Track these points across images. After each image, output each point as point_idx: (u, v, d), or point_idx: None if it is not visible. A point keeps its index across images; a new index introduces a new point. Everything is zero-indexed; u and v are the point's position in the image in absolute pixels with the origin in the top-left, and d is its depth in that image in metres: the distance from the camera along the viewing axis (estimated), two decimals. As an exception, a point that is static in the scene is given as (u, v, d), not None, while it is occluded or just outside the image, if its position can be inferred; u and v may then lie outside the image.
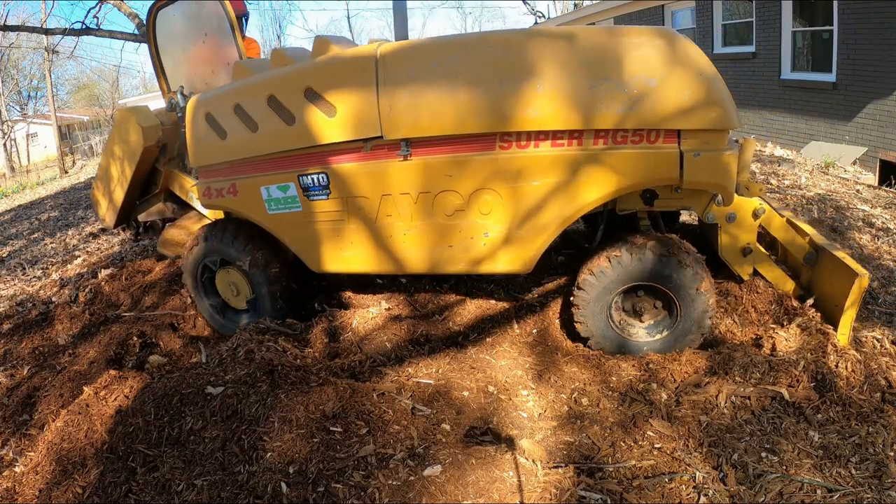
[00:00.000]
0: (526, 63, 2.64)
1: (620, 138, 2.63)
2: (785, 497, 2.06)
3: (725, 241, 3.21)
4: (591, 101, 2.59)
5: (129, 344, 3.80)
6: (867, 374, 2.68)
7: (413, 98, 2.72)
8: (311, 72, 2.93)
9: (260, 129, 3.05)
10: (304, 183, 3.01)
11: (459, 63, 2.70)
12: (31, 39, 29.92)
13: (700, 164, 2.64)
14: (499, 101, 2.64)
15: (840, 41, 8.28)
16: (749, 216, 3.15)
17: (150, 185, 3.94)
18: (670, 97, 2.57)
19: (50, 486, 2.48)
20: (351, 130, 2.82)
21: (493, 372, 2.99)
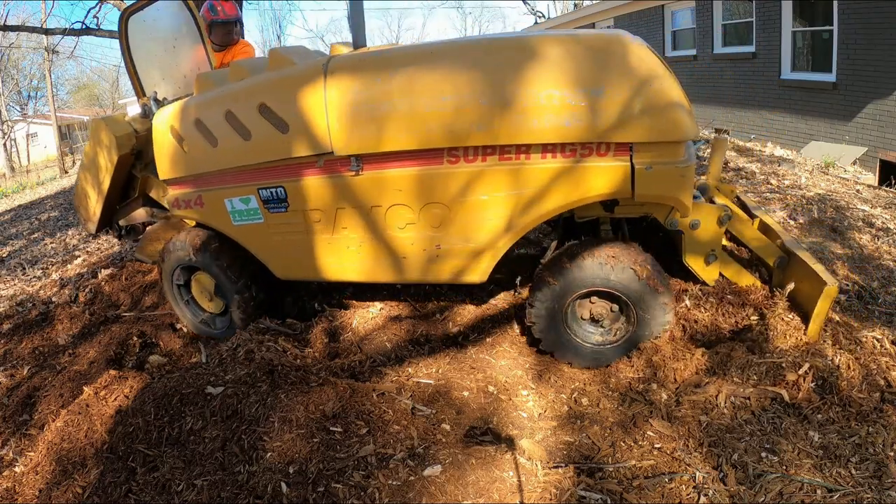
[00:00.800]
0: (470, 76, 2.57)
1: (569, 152, 2.57)
2: (785, 497, 2.06)
3: (689, 248, 3.13)
4: (538, 114, 2.51)
5: (129, 344, 3.80)
6: (867, 374, 2.68)
7: (359, 114, 2.70)
8: (263, 88, 2.94)
9: (220, 143, 3.08)
10: (263, 196, 3.05)
11: (404, 77, 2.65)
12: (31, 39, 29.93)
13: (652, 177, 2.56)
14: (444, 116, 2.59)
15: (840, 41, 8.29)
16: (714, 223, 3.06)
17: (128, 190, 4.03)
18: (620, 108, 2.47)
19: (50, 486, 2.48)
20: (303, 147, 2.83)
21: (493, 372, 2.99)
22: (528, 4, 23.07)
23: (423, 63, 2.67)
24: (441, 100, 2.59)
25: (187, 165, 3.24)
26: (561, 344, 2.99)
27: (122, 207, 4.13)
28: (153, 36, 3.96)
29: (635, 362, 2.96)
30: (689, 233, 3.06)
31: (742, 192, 5.38)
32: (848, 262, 4.07)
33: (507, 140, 2.58)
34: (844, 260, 4.09)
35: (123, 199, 4.10)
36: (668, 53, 13.40)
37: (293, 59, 3.04)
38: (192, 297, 3.79)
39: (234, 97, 3.01)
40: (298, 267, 3.21)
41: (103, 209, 3.99)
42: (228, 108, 3.00)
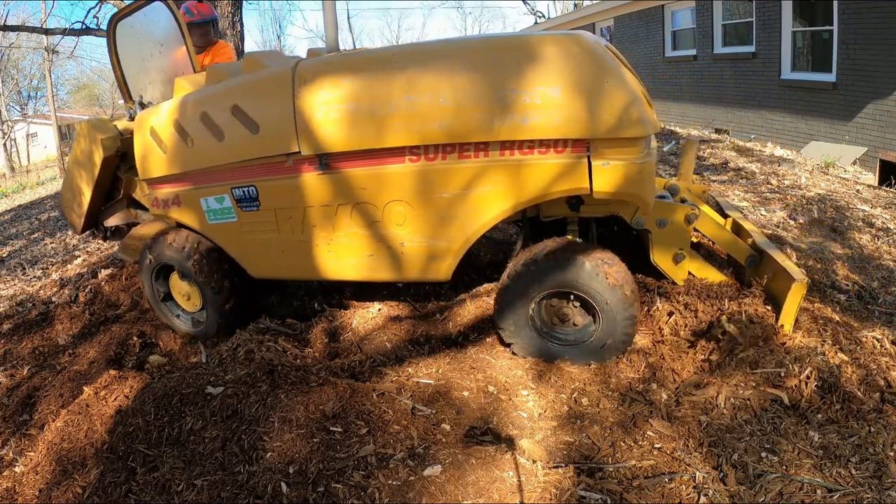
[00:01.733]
0: (430, 77, 2.65)
1: (527, 149, 2.62)
2: (785, 497, 2.06)
3: (656, 248, 3.16)
4: (496, 112, 2.58)
5: (129, 344, 3.80)
6: (867, 375, 2.68)
7: (326, 115, 2.78)
8: (237, 90, 3.04)
9: (195, 144, 3.17)
10: (236, 195, 3.14)
11: (367, 80, 2.73)
12: (31, 39, 29.95)
13: (609, 173, 2.61)
14: (405, 116, 2.67)
15: (840, 41, 8.29)
16: (681, 221, 3.08)
17: (113, 191, 4.10)
18: (577, 106, 2.53)
19: (50, 486, 2.48)
20: (273, 146, 2.92)
21: (493, 372, 2.99)
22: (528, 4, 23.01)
23: (385, 66, 2.76)
24: (402, 100, 2.67)
25: (165, 166, 3.33)
26: (527, 344, 3.02)
27: (106, 208, 4.19)
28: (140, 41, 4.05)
29: (635, 362, 2.96)
30: (657, 232, 3.10)
31: (721, 192, 5.38)
32: (848, 262, 4.07)
33: (467, 138, 2.64)
34: (844, 260, 4.09)
35: (108, 201, 4.16)
36: (668, 53, 13.41)
37: (266, 62, 3.13)
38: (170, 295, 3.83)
39: (209, 99, 3.12)
40: (270, 265, 3.29)
41: (88, 210, 4.06)
42: (204, 109, 3.10)
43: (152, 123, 3.33)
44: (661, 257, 3.18)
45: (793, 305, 2.83)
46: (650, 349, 3.05)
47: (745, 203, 5.30)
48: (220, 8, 6.85)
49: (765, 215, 5.00)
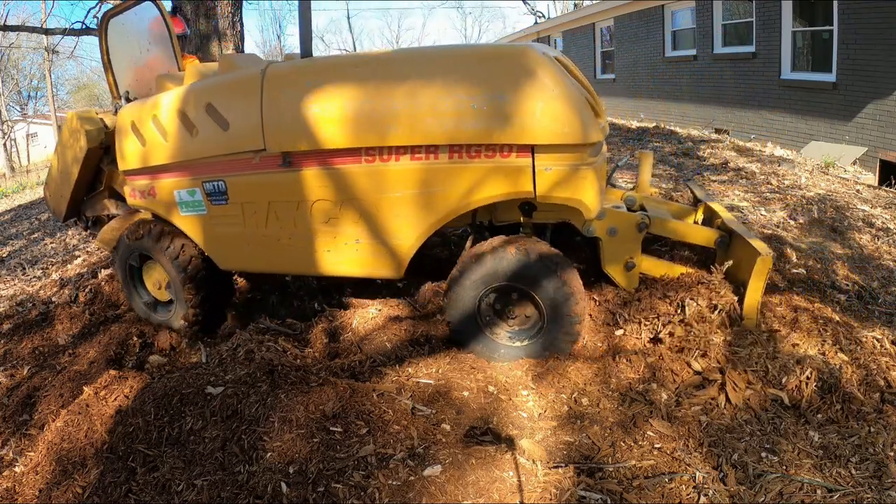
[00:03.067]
0: (386, 84, 2.83)
1: (474, 153, 2.77)
2: (785, 497, 2.06)
3: (607, 256, 3.22)
4: (445, 118, 2.73)
5: (129, 344, 3.80)
6: (867, 375, 2.68)
7: (290, 115, 2.95)
8: (211, 89, 3.21)
9: (171, 138, 3.33)
10: (207, 189, 3.29)
11: (328, 84, 2.92)
12: (31, 39, 29.95)
13: (552, 178, 2.75)
14: (362, 118, 2.83)
15: (840, 41, 8.28)
16: (632, 230, 3.15)
17: (95, 182, 4.21)
18: (521, 113, 2.66)
19: (50, 486, 2.48)
20: (241, 143, 3.08)
21: (493, 372, 2.99)
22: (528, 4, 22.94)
23: (345, 73, 2.96)
24: (359, 104, 2.84)
25: (143, 158, 3.48)
26: (472, 338, 3.08)
27: (89, 199, 4.31)
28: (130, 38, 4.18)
29: (635, 363, 2.96)
30: (608, 240, 3.17)
31: (721, 192, 5.37)
32: (848, 262, 4.07)
33: (418, 141, 2.79)
34: (844, 260, 4.09)
35: (92, 192, 4.27)
36: (668, 53, 13.41)
37: (240, 64, 3.33)
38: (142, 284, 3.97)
39: (185, 97, 3.26)
40: (237, 258, 3.45)
41: (71, 199, 4.20)
42: (181, 107, 3.25)
43: (133, 118, 3.49)
44: (611, 265, 3.24)
45: (758, 282, 2.82)
46: (649, 348, 3.05)
47: (745, 203, 5.30)
48: (220, 8, 6.85)
49: (765, 215, 5.00)
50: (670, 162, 7.13)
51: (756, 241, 2.99)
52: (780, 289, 3.50)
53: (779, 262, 3.80)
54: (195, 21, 6.57)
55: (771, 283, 3.60)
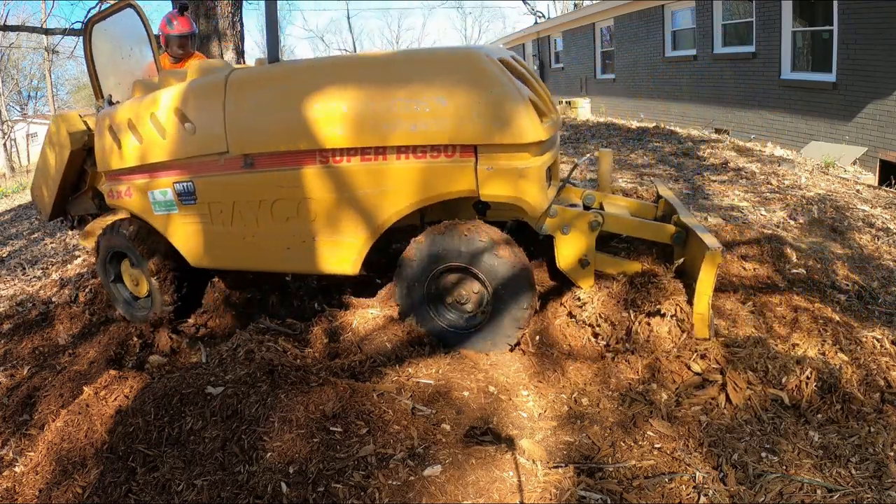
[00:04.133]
0: (337, 87, 2.96)
1: (420, 153, 2.89)
2: (785, 497, 2.06)
3: (562, 254, 3.26)
4: (391, 120, 2.86)
5: (129, 344, 3.80)
6: (867, 375, 2.68)
7: (250, 118, 3.12)
8: (180, 94, 3.34)
9: (145, 141, 3.49)
10: (177, 189, 3.45)
11: (287, 87, 3.07)
12: (31, 39, 29.95)
13: (494, 177, 2.86)
14: (315, 122, 2.97)
15: (840, 41, 8.28)
16: (585, 228, 3.19)
17: (80, 183, 4.30)
18: (464, 115, 2.78)
19: (50, 486, 2.48)
20: (207, 145, 3.25)
21: (494, 372, 2.99)
22: (528, 4, 23.00)
23: (299, 77, 3.10)
24: (313, 108, 2.97)
25: (120, 160, 3.64)
26: (421, 321, 3.19)
27: (73, 199, 4.42)
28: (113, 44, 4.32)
29: (635, 363, 2.96)
30: (561, 238, 3.23)
31: (721, 192, 5.38)
32: (848, 262, 4.07)
33: (367, 143, 2.92)
34: (844, 260, 4.09)
35: (76, 192, 4.38)
36: (668, 53, 13.41)
37: (208, 70, 3.46)
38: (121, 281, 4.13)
39: (157, 102, 3.42)
40: (206, 256, 3.57)
41: (56, 199, 4.32)
42: (152, 111, 3.41)
43: (109, 121, 3.66)
44: (566, 263, 3.28)
45: (707, 276, 2.79)
46: (649, 348, 3.04)
47: (745, 203, 5.30)
48: (220, 8, 6.85)
49: (765, 215, 5.00)
50: (670, 162, 7.14)
51: (707, 235, 2.98)
52: (780, 289, 3.50)
53: (779, 262, 3.80)
54: (195, 21, 6.57)
55: (771, 283, 3.60)
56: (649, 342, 2.91)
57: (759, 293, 3.46)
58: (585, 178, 6.41)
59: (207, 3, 6.65)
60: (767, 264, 3.77)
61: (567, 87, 19.12)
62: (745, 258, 3.84)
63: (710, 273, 2.78)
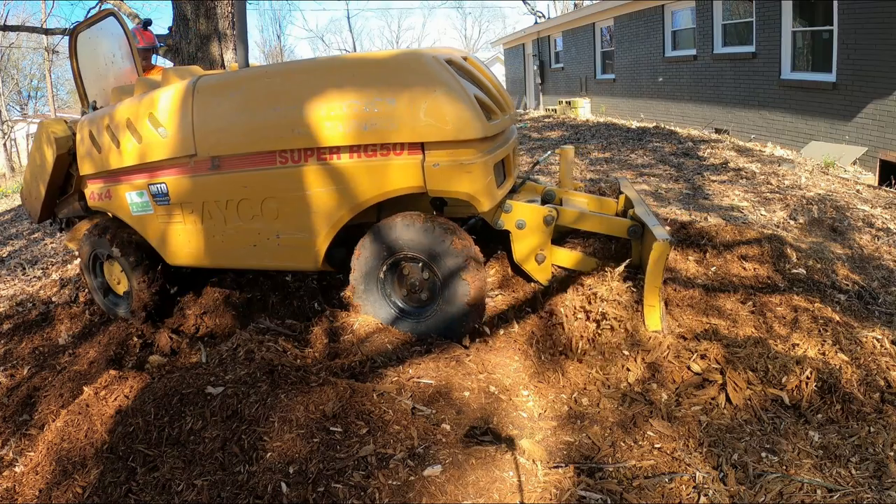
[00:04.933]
0: (294, 91, 3.10)
1: (371, 152, 3.01)
2: (785, 497, 2.06)
3: (518, 249, 3.39)
4: (343, 121, 2.98)
5: (129, 344, 3.80)
6: (867, 375, 2.68)
7: (216, 122, 3.27)
8: (152, 101, 3.48)
9: (121, 145, 3.62)
10: (152, 191, 3.59)
11: (248, 92, 3.22)
12: (31, 39, 29.96)
13: (440, 173, 2.96)
14: (273, 124, 3.12)
15: (840, 41, 8.28)
16: (539, 222, 3.30)
17: (66, 186, 4.41)
18: (409, 114, 2.90)
19: (50, 486, 2.48)
20: (177, 149, 3.38)
21: (494, 372, 2.99)
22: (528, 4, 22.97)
23: (258, 82, 3.23)
24: (272, 111, 3.12)
25: (100, 163, 3.79)
26: (375, 308, 3.32)
27: (61, 201, 4.52)
28: (97, 51, 4.48)
29: (634, 363, 2.96)
30: (516, 233, 3.35)
31: (721, 192, 5.38)
32: (848, 262, 4.08)
33: (322, 143, 3.04)
34: (844, 260, 4.09)
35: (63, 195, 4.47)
36: (668, 53, 13.41)
37: (179, 77, 3.60)
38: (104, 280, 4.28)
39: (132, 108, 3.57)
40: (181, 254, 3.68)
41: (44, 202, 4.42)
42: (128, 116, 3.56)
43: (90, 127, 3.82)
44: (522, 258, 3.41)
45: (655, 268, 2.87)
46: (648, 347, 3.04)
47: (745, 203, 5.30)
48: (220, 8, 6.84)
49: (765, 215, 5.00)
50: (670, 162, 7.14)
51: (657, 227, 3.06)
52: (780, 289, 3.50)
53: (779, 262, 3.81)
54: (195, 21, 6.56)
55: (771, 283, 3.60)
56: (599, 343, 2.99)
57: (759, 293, 3.46)
58: (586, 178, 6.41)
59: (207, 3, 6.64)
60: (767, 264, 3.78)
61: (567, 87, 19.12)
62: (745, 258, 3.84)
63: (657, 264, 2.86)
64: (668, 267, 3.84)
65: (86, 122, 3.87)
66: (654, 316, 2.93)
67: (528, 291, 3.69)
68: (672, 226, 4.35)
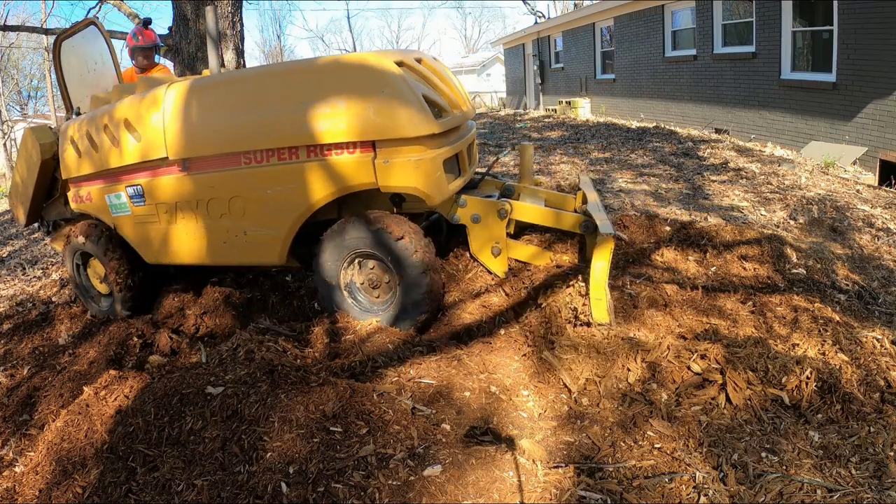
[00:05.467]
0: (255, 96, 3.27)
1: (327, 151, 3.17)
2: (785, 497, 2.06)
3: (474, 241, 3.56)
4: (300, 123, 3.15)
5: (129, 344, 3.80)
6: (867, 375, 2.68)
7: (185, 127, 3.42)
8: (127, 107, 3.65)
9: (100, 150, 3.80)
10: (129, 192, 3.78)
11: (213, 98, 3.40)
12: (31, 39, 29.94)
13: (390, 170, 3.11)
14: (237, 128, 3.29)
15: (840, 41, 8.28)
16: (494, 216, 3.44)
17: (52, 190, 4.56)
18: (360, 115, 3.06)
19: (50, 486, 2.48)
20: (151, 152, 3.55)
21: (494, 372, 2.99)
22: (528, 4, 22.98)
23: (225, 88, 3.41)
24: (236, 115, 3.29)
25: (80, 168, 3.96)
26: (337, 303, 3.48)
27: (47, 205, 4.66)
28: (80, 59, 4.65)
29: (636, 362, 2.96)
30: (472, 227, 3.51)
31: (721, 192, 5.38)
32: (848, 262, 4.07)
33: (281, 144, 3.21)
34: (844, 260, 4.09)
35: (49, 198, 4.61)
36: (668, 53, 13.41)
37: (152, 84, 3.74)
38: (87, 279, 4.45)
39: (109, 114, 3.74)
40: (157, 252, 3.85)
41: (31, 206, 4.57)
42: (106, 122, 3.72)
43: (71, 133, 3.99)
44: (479, 251, 3.57)
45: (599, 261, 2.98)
46: (649, 345, 3.04)
47: (746, 203, 5.30)
48: (220, 8, 6.85)
49: (765, 215, 5.00)
50: (670, 162, 7.14)
51: (603, 222, 3.17)
52: (780, 289, 3.51)
53: (779, 262, 3.81)
54: (195, 21, 6.57)
55: (771, 283, 3.60)
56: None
57: (759, 293, 3.47)
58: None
59: (207, 3, 6.65)
60: (767, 264, 3.78)
61: (567, 87, 19.12)
62: (745, 258, 3.84)
63: (601, 258, 2.98)
64: (669, 266, 3.84)
65: (67, 128, 4.05)
66: (601, 308, 3.03)
67: (528, 292, 3.69)
68: (672, 226, 4.35)
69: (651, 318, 3.28)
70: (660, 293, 3.45)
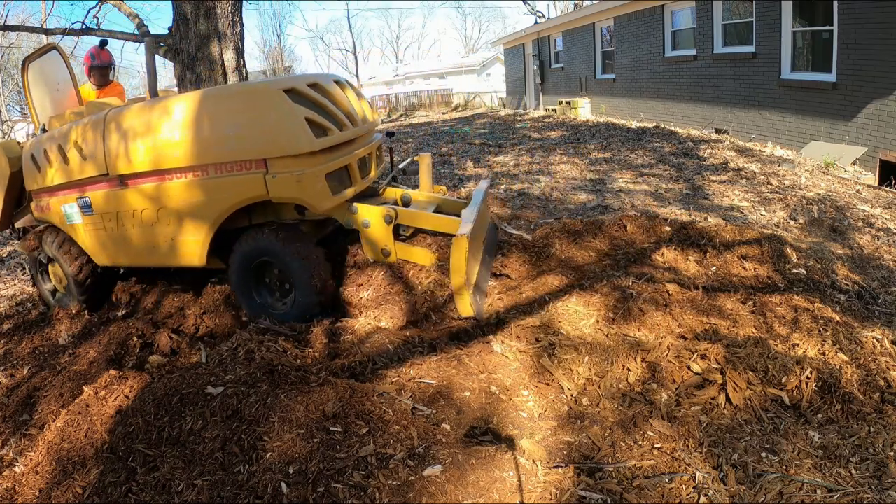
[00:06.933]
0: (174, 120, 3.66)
1: (230, 168, 3.59)
2: (785, 497, 2.06)
3: (366, 245, 3.93)
4: (209, 143, 3.57)
5: (129, 344, 3.80)
6: (867, 375, 2.68)
7: (121, 147, 3.84)
8: (77, 129, 4.10)
9: (55, 166, 4.24)
10: (80, 203, 4.21)
11: (142, 121, 3.77)
12: (31, 39, 29.91)
13: (278, 183, 3.53)
14: (160, 147, 3.70)
15: (840, 41, 8.28)
16: (381, 221, 3.79)
17: (21, 199, 4.93)
18: (254, 135, 3.51)
19: (50, 486, 2.48)
20: (95, 168, 4.00)
21: (494, 372, 2.98)
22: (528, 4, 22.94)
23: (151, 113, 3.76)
24: (159, 137, 3.70)
25: (40, 181, 4.40)
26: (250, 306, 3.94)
27: (17, 213, 4.99)
28: (45, 79, 5.05)
29: (636, 362, 2.96)
30: (363, 231, 3.88)
31: (721, 191, 5.38)
32: (848, 262, 4.08)
33: (193, 162, 3.63)
34: (844, 260, 4.09)
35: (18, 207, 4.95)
36: (668, 53, 13.40)
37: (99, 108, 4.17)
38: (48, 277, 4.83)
39: (62, 135, 4.20)
40: (105, 255, 4.26)
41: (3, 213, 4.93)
42: (59, 142, 4.18)
43: (31, 149, 4.46)
44: (370, 253, 3.93)
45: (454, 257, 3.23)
46: (649, 345, 3.05)
47: (746, 203, 5.30)
48: (220, 8, 6.84)
49: (765, 215, 5.01)
50: (670, 162, 7.14)
51: (464, 225, 3.43)
52: (780, 289, 3.51)
53: (779, 262, 3.81)
54: (195, 21, 6.56)
55: (771, 283, 3.60)
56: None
57: (759, 293, 3.47)
58: (586, 178, 6.40)
59: (207, 3, 6.64)
60: (767, 264, 3.78)
61: (567, 87, 19.11)
62: (745, 258, 3.84)
63: (456, 255, 3.24)
64: (669, 266, 3.85)
65: (29, 145, 4.55)
66: (464, 303, 3.30)
67: (528, 292, 3.69)
68: (672, 226, 4.35)
69: (651, 318, 3.28)
70: (660, 293, 3.45)
